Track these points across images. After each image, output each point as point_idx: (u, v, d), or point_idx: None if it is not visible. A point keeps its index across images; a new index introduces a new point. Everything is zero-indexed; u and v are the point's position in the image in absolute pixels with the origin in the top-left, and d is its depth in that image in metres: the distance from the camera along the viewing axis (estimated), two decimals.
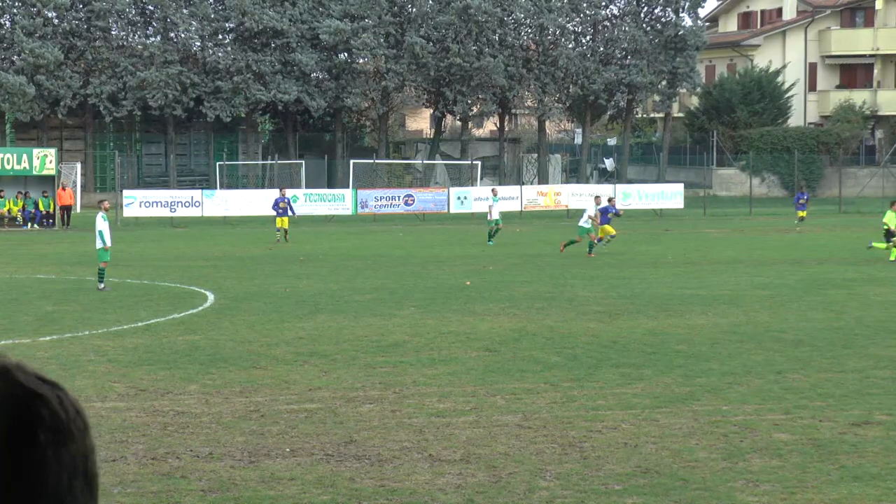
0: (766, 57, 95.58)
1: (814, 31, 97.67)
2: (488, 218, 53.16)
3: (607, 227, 48.25)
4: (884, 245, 44.19)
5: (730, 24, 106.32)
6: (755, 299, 31.66)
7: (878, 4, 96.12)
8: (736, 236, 56.84)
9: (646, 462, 15.22)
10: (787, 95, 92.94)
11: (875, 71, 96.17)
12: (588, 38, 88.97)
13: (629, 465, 15.10)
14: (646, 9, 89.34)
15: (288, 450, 15.80)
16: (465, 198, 73.46)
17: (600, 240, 47.53)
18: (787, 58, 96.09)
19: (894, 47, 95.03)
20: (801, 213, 61.72)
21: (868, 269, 39.94)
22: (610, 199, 50.59)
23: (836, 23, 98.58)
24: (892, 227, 43.95)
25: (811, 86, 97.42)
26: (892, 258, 43.17)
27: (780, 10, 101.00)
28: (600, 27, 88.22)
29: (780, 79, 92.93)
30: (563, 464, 15.16)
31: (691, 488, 14.10)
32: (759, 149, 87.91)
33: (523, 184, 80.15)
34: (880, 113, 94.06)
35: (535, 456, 15.52)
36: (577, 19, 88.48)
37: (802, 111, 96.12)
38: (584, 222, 46.93)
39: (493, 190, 57.84)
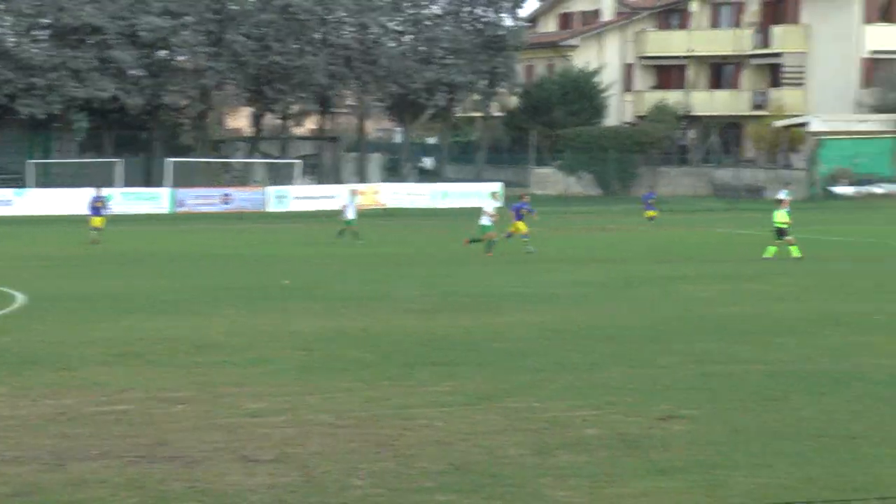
0: (584, 57, 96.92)
1: (631, 33, 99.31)
2: (346, 217, 52.61)
3: (520, 224, 47.12)
4: (775, 250, 43.44)
5: (549, 25, 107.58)
6: (570, 297, 32.07)
7: (693, 7, 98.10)
8: (552, 235, 57.53)
9: (458, 459, 15.32)
10: (603, 95, 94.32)
11: (689, 72, 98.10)
12: (409, 37, 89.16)
13: (441, 462, 15.18)
14: (467, 9, 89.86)
15: (97, 452, 15.57)
16: (284, 197, 73.21)
17: (509, 235, 46.83)
18: (604, 58, 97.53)
19: (707, 49, 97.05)
20: (651, 213, 62.24)
21: (679, 267, 40.69)
22: (522, 196, 49.86)
23: (652, 24, 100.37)
24: (784, 226, 43.78)
25: (628, 86, 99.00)
26: (794, 255, 43.16)
27: (598, 12, 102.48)
28: (421, 26, 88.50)
29: (597, 79, 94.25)
30: (376, 462, 15.19)
31: (502, 484, 14.23)
32: (575, 148, 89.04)
33: (342, 182, 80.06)
34: (693, 113, 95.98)
35: (349, 455, 15.52)
36: (399, 18, 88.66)
37: (619, 111, 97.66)
38: (484, 220, 46.29)
39: (352, 190, 57.41)
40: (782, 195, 50.44)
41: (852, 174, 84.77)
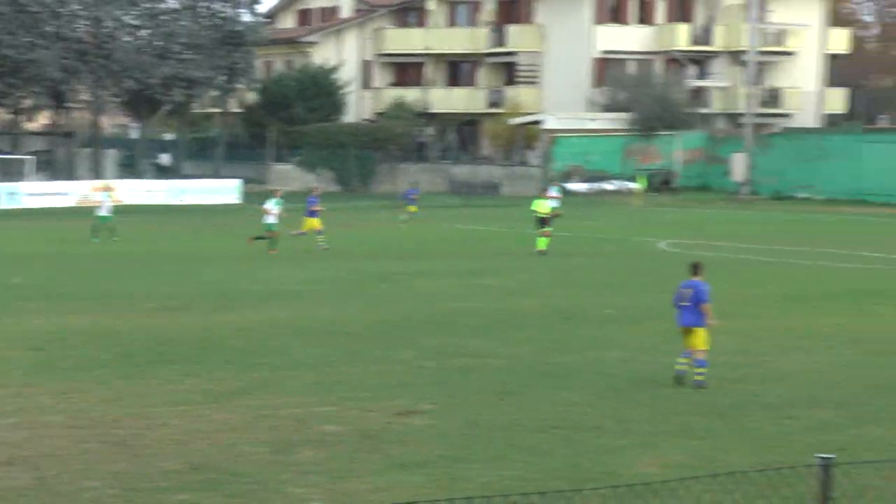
0: (323, 54, 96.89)
1: (369, 30, 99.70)
2: (102, 214, 51.07)
3: (314, 220, 46.11)
4: (546, 240, 43.59)
5: (288, 21, 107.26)
6: (309, 294, 32.02)
7: (430, 6, 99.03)
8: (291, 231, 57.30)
9: (196, 458, 15.17)
10: (342, 92, 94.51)
11: (426, 70, 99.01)
12: (145, 31, 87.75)
13: (179, 461, 15.01)
14: (204, 4, 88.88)
15: None
16: (16, 193, 71.41)
17: (303, 233, 45.96)
18: (343, 55, 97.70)
19: (445, 47, 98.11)
20: (412, 208, 61.93)
21: (418, 263, 40.99)
22: (314, 190, 48.84)
23: (390, 22, 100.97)
24: (545, 216, 43.92)
25: (367, 83, 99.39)
26: (538, 247, 43.42)
27: (336, 9, 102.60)
28: (158, 21, 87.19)
29: (336, 76, 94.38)
30: (112, 463, 14.92)
31: (241, 482, 14.15)
32: (314, 145, 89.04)
33: (77, 179, 78.38)
34: (431, 110, 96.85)
35: (83, 456, 15.22)
36: (135, 12, 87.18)
37: (358, 108, 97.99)
38: (269, 219, 45.17)
39: (106, 186, 55.61)
40: (550, 188, 51.20)
41: (585, 171, 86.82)
